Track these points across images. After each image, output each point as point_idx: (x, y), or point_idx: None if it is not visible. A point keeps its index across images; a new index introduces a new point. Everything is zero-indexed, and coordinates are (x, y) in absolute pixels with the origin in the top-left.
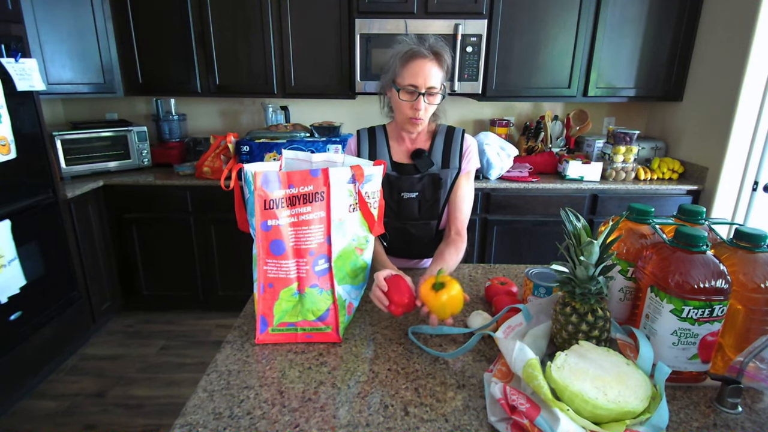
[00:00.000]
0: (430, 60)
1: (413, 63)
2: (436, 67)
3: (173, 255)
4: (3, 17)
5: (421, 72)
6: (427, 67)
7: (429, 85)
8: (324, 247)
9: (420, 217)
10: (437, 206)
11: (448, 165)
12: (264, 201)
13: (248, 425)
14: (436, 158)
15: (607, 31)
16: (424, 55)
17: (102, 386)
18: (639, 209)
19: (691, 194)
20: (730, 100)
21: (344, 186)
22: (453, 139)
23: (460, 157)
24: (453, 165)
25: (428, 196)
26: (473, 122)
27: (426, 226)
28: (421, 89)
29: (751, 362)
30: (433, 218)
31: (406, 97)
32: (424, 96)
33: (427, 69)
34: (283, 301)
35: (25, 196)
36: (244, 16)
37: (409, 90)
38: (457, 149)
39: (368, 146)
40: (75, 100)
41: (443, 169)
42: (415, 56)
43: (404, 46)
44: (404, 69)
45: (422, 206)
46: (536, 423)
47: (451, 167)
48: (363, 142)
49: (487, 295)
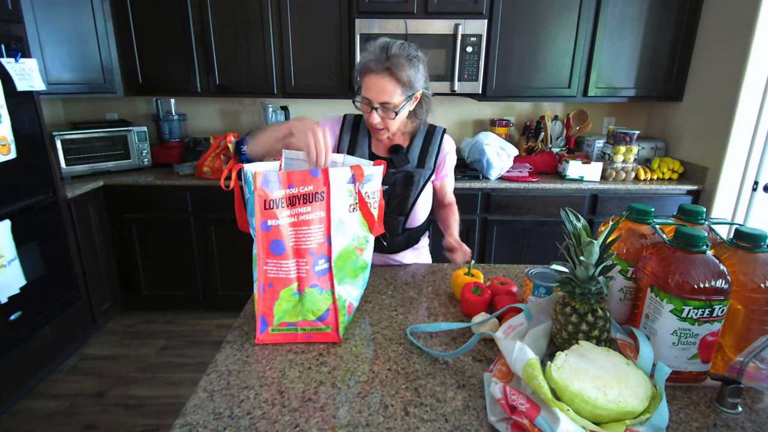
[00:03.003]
0: (382, 76)
1: (367, 78)
2: (390, 82)
3: (173, 255)
4: (3, 17)
5: (373, 87)
6: (379, 83)
7: (381, 100)
8: (324, 247)
9: (387, 211)
10: (406, 203)
11: (423, 165)
12: (264, 201)
13: (248, 425)
14: (413, 157)
15: (607, 31)
16: (376, 70)
17: (102, 386)
18: (639, 209)
19: (691, 194)
20: (730, 100)
21: (344, 186)
22: (432, 140)
23: (436, 159)
24: (428, 166)
25: (398, 191)
26: (473, 122)
27: (393, 221)
28: (374, 104)
29: (751, 362)
30: (401, 214)
31: (363, 107)
32: (377, 110)
33: (380, 85)
34: (283, 301)
35: (25, 196)
36: (244, 16)
37: (364, 102)
38: (434, 151)
39: (350, 135)
40: (75, 100)
41: (418, 168)
42: (368, 71)
43: (364, 56)
44: (362, 81)
45: (391, 201)
46: (536, 423)
47: (426, 167)
48: (346, 129)
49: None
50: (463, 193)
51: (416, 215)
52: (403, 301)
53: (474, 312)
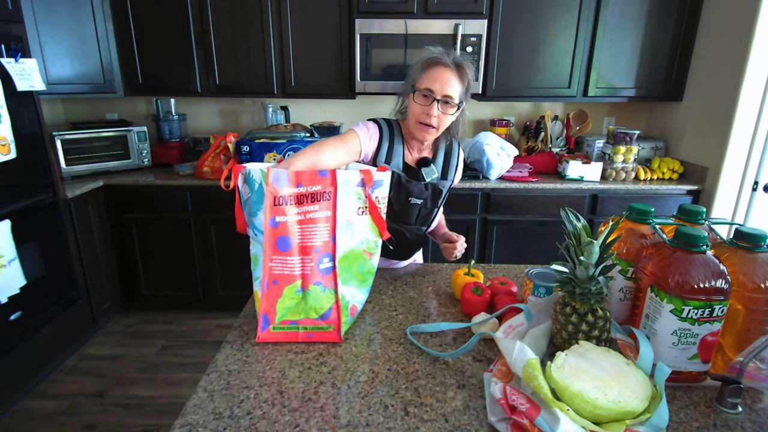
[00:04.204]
0: (451, 69)
1: (433, 69)
2: (455, 77)
3: (173, 255)
4: (3, 17)
5: (440, 78)
6: (446, 75)
7: (445, 92)
8: (329, 246)
9: (415, 223)
10: (431, 215)
11: (446, 177)
12: (274, 197)
13: (248, 425)
14: (437, 169)
15: (607, 31)
16: (445, 63)
17: (102, 386)
18: (639, 209)
19: (691, 194)
20: (730, 100)
21: (352, 188)
22: (452, 153)
23: (456, 170)
24: (450, 178)
25: (429, 204)
26: (473, 122)
27: (418, 231)
28: (437, 95)
29: (751, 362)
30: (426, 225)
31: (421, 100)
32: (439, 102)
33: (447, 77)
34: (286, 298)
35: (25, 196)
36: (244, 16)
37: (425, 93)
38: (455, 163)
39: (388, 144)
40: (75, 100)
41: (442, 180)
42: (436, 63)
43: (428, 53)
44: (424, 74)
45: (421, 213)
46: (536, 423)
47: (448, 179)
48: (384, 137)
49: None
50: (463, 193)
51: (432, 224)
52: (403, 301)
53: (474, 312)
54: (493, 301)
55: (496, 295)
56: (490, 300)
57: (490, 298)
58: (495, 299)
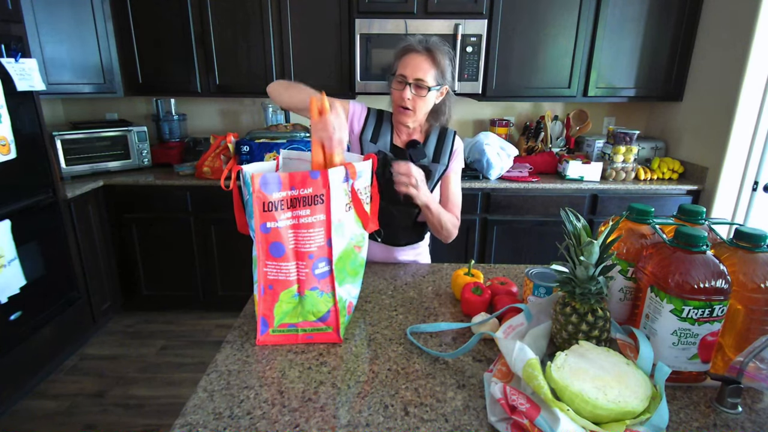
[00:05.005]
0: (422, 54)
1: (406, 56)
2: (427, 62)
3: (173, 255)
4: (3, 17)
5: (410, 64)
6: (417, 60)
7: (416, 76)
8: (324, 250)
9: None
10: None
11: (438, 160)
12: (263, 203)
13: (248, 425)
14: (428, 152)
15: (607, 31)
16: (417, 49)
17: (102, 386)
18: (639, 209)
19: (691, 194)
20: (730, 100)
21: (339, 186)
22: (446, 138)
23: (449, 155)
24: (443, 161)
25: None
26: (473, 122)
27: (407, 212)
28: (409, 79)
29: (751, 362)
30: (416, 206)
31: (397, 86)
32: (411, 86)
33: (417, 62)
34: (283, 303)
35: (25, 196)
36: (244, 16)
37: (399, 80)
38: (448, 148)
39: (374, 125)
40: (75, 100)
41: (433, 163)
42: (408, 50)
43: (403, 42)
44: (399, 62)
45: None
46: (536, 423)
47: (441, 163)
48: (371, 118)
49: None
50: (463, 193)
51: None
52: (403, 301)
53: (474, 312)
54: (493, 301)
55: (496, 295)
56: (490, 300)
57: (490, 298)
58: (495, 299)
